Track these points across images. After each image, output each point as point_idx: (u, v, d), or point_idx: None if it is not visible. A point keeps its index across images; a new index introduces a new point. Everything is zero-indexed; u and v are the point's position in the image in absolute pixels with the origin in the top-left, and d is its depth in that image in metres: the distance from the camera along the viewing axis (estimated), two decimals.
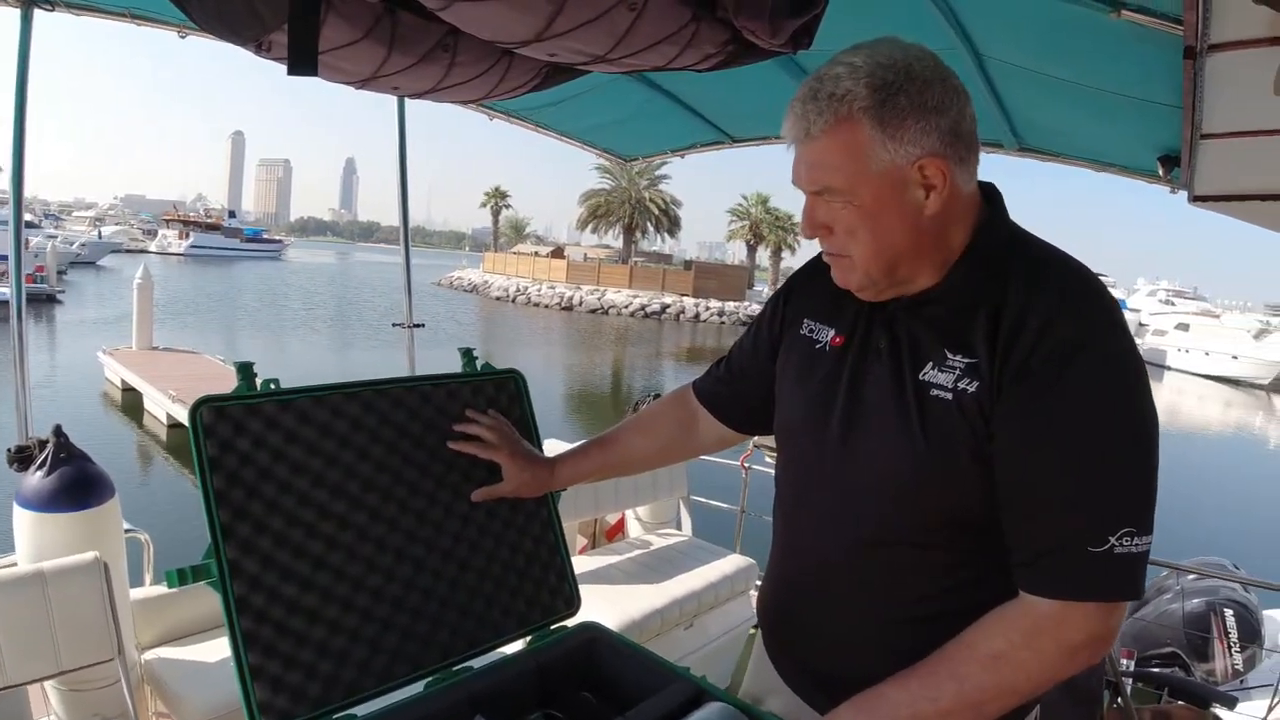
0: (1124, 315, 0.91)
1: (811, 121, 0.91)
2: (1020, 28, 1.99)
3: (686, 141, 3.57)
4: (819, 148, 0.92)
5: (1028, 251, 0.96)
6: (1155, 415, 0.88)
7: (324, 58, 1.42)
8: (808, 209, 0.97)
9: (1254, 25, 1.29)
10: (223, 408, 1.09)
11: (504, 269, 49.10)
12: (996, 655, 0.89)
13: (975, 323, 0.92)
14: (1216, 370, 32.87)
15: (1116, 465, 0.85)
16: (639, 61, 1.42)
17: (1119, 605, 0.87)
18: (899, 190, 0.91)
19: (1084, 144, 2.92)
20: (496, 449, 1.30)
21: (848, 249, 0.96)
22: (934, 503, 0.95)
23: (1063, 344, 0.86)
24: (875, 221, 0.93)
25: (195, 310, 27.48)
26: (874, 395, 1.00)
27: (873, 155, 0.89)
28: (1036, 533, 0.88)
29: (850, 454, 1.01)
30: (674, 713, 1.08)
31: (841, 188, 0.92)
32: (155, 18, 2.35)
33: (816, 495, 1.07)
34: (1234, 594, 4.29)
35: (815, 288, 1.15)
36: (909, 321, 0.99)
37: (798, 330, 1.15)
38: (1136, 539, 0.84)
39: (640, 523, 3.92)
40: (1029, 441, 0.87)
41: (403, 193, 3.57)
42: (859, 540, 1.02)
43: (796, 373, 1.13)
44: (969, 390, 0.91)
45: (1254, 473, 17.15)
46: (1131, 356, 0.88)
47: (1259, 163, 2.15)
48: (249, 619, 1.04)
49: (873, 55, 0.90)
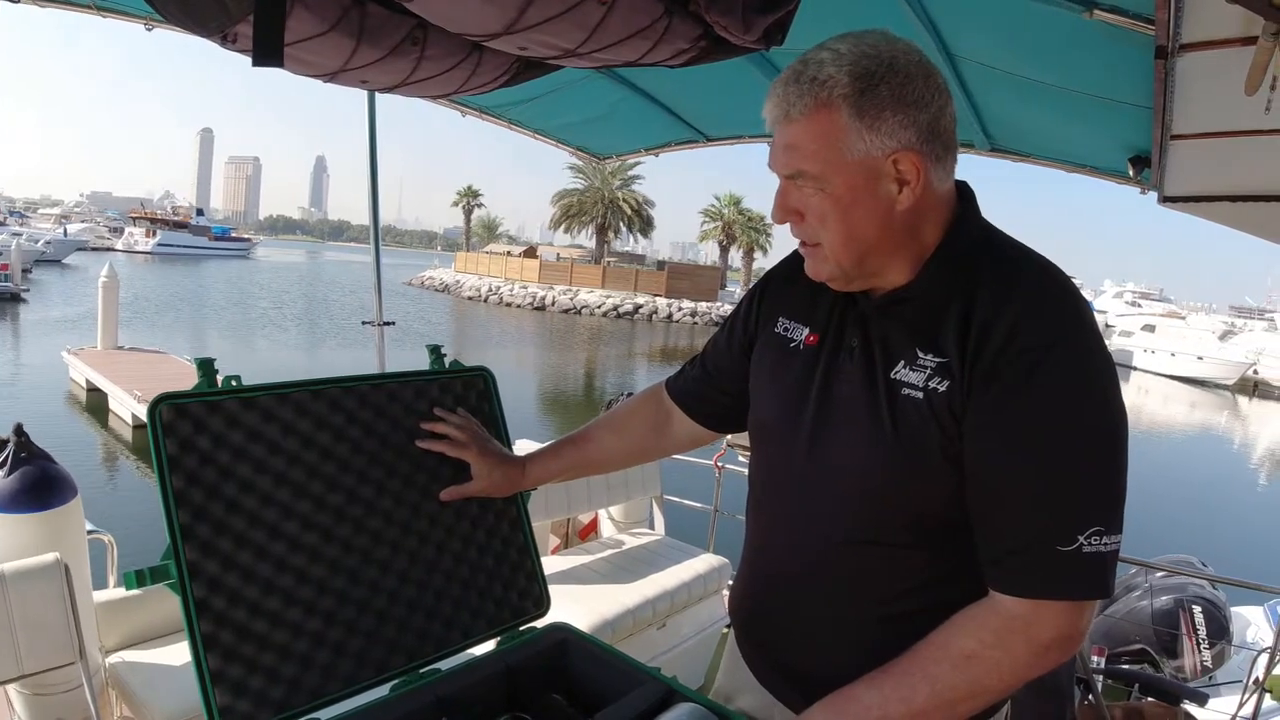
0: (1094, 315, 0.91)
1: (791, 104, 0.91)
2: (993, 27, 2.00)
3: (661, 140, 3.56)
4: (796, 130, 0.92)
5: (999, 251, 0.97)
6: (1124, 415, 0.88)
7: (291, 50, 1.39)
8: (780, 193, 0.97)
9: (1226, 25, 1.28)
10: (183, 405, 1.06)
11: (476, 269, 48.84)
12: (968, 655, 0.89)
13: (946, 322, 0.92)
14: (1182, 371, 33.46)
15: (1085, 465, 0.86)
16: (611, 56, 1.41)
17: (1089, 604, 0.88)
18: (872, 181, 0.91)
19: (1055, 145, 2.94)
20: (465, 447, 1.28)
21: (818, 236, 0.96)
22: (905, 501, 0.96)
23: (1032, 345, 0.87)
24: (846, 211, 0.93)
25: (161, 309, 27.00)
26: (846, 393, 1.00)
27: (848, 143, 0.89)
28: (1006, 532, 0.89)
29: (823, 452, 1.01)
30: (644, 714, 1.07)
31: (815, 173, 0.92)
32: (122, 10, 2.30)
33: (789, 493, 1.07)
34: (1202, 591, 4.36)
35: (790, 286, 1.15)
36: (881, 320, 0.99)
37: (772, 328, 1.14)
38: (1105, 538, 0.85)
39: (613, 522, 3.91)
40: (998, 442, 0.88)
41: (373, 189, 3.52)
42: (831, 538, 1.01)
43: (770, 371, 1.13)
44: (939, 390, 0.91)
45: (1220, 471, 17.48)
46: (1100, 357, 0.88)
47: (1229, 164, 2.17)
48: (209, 622, 1.01)
49: (859, 44, 0.90)
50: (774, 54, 2.31)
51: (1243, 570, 4.66)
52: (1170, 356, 34.31)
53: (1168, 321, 38.37)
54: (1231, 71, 1.34)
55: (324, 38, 1.37)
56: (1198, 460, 18.47)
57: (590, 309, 39.20)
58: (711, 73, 1.76)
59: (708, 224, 50.67)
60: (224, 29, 1.34)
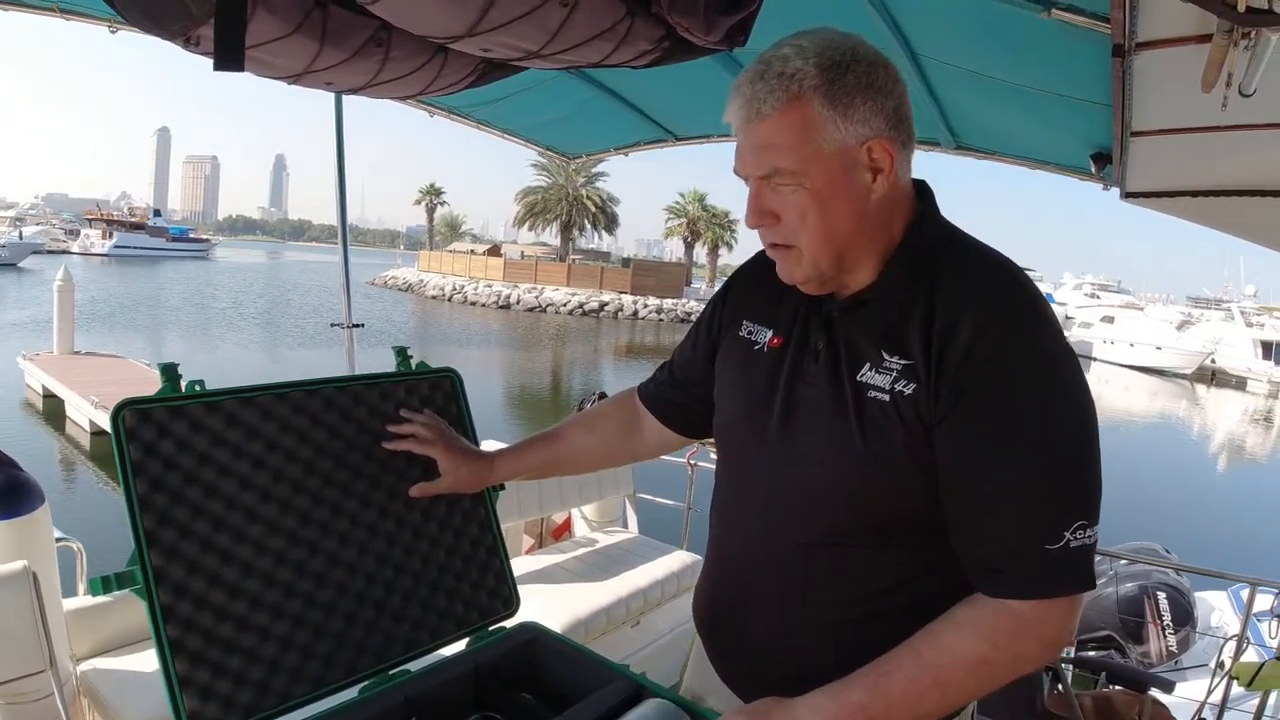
0: (1054, 312, 0.93)
1: (762, 100, 0.89)
2: (954, 27, 2.01)
3: (630, 139, 3.56)
4: (769, 128, 0.90)
5: (958, 250, 0.97)
6: (1093, 407, 0.90)
7: (254, 53, 1.38)
8: (754, 196, 0.95)
9: (1181, 23, 1.29)
10: (146, 410, 1.06)
11: (440, 267, 48.41)
12: (984, 660, 0.89)
13: (910, 324, 0.92)
14: (1141, 361, 34.16)
15: (1062, 464, 0.87)
16: (574, 57, 1.41)
17: (1081, 597, 0.89)
18: (849, 172, 0.91)
19: (1019, 142, 2.96)
20: (430, 444, 1.28)
21: (795, 237, 0.95)
22: (872, 503, 0.96)
23: (997, 347, 0.87)
24: (825, 205, 0.92)
25: (119, 313, 26.42)
26: (812, 396, 1.00)
27: (824, 134, 0.89)
28: (996, 539, 0.88)
29: (788, 455, 1.01)
30: (613, 710, 1.08)
31: (793, 168, 0.91)
32: (84, 12, 2.27)
33: (754, 496, 1.06)
34: (1166, 578, 4.46)
35: (754, 289, 1.15)
36: (846, 323, 1.00)
37: (736, 331, 1.14)
38: (1088, 530, 0.86)
39: (587, 521, 3.92)
40: (975, 452, 0.88)
41: (340, 190, 3.48)
42: (797, 540, 1.01)
43: (734, 374, 1.13)
44: (905, 392, 0.91)
45: (1182, 459, 17.87)
46: (1065, 354, 0.89)
47: (1189, 160, 2.19)
48: (175, 627, 1.01)
49: (818, 37, 0.90)
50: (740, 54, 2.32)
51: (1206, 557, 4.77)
52: (1129, 347, 35.00)
53: (1127, 313, 39.08)
54: (1188, 69, 1.35)
55: (287, 40, 1.36)
56: (1159, 448, 18.85)
57: (556, 307, 39.02)
58: (680, 73, 1.76)
59: (672, 221, 50.80)
60: (186, 31, 1.33)
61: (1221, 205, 2.47)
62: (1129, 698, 2.61)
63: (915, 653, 0.91)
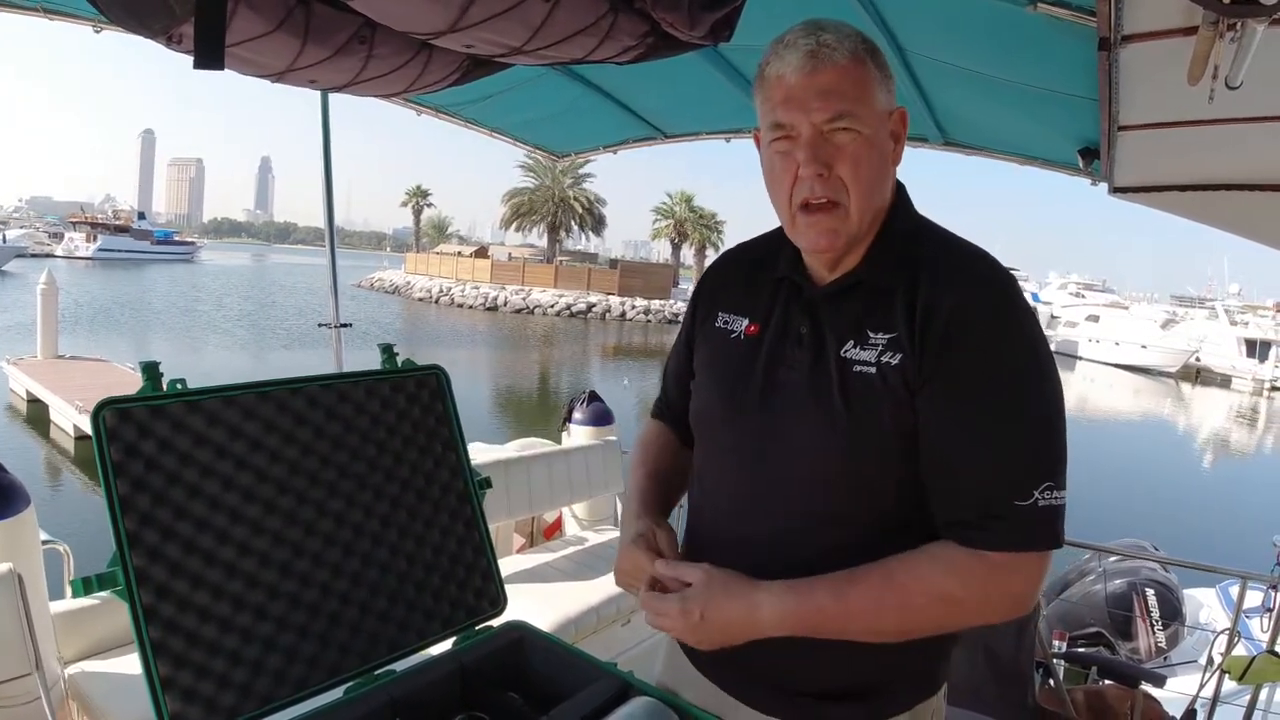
0: (1024, 291, 0.99)
1: (832, 49, 0.96)
2: (941, 23, 2.02)
3: (619, 137, 3.55)
4: (836, 75, 0.96)
5: (937, 240, 1.04)
6: (1060, 382, 0.96)
7: (236, 50, 1.37)
8: (812, 143, 0.97)
9: (1167, 16, 1.30)
10: (127, 410, 1.05)
11: (427, 269, 48.06)
12: (949, 596, 0.93)
13: (894, 303, 0.98)
14: (1126, 359, 34.48)
15: (1035, 427, 0.93)
16: (558, 53, 1.41)
17: (1049, 557, 0.94)
18: (885, 132, 1.01)
19: (1007, 138, 2.98)
20: None
21: (842, 192, 0.98)
22: (854, 483, 0.98)
23: (977, 322, 0.94)
24: (875, 155, 0.99)
25: (103, 316, 26.20)
26: (794, 378, 1.02)
27: (875, 93, 0.99)
28: (970, 494, 0.94)
29: (768, 439, 1.03)
30: (600, 709, 1.08)
31: (858, 113, 0.97)
32: (69, 12, 2.25)
33: (734, 481, 1.07)
34: (1155, 574, 4.50)
35: (726, 282, 1.18)
36: (830, 306, 1.03)
37: (713, 324, 1.16)
38: (1055, 492, 0.92)
39: (577, 520, 3.91)
40: (956, 411, 0.94)
41: (328, 191, 3.45)
42: (776, 525, 1.02)
43: (710, 362, 1.14)
44: (892, 363, 0.96)
45: (1168, 456, 18.02)
46: (1036, 329, 0.96)
47: (1176, 154, 2.21)
48: (158, 628, 1.00)
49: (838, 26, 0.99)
50: (726, 50, 2.32)
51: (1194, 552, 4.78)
52: (1115, 345, 35.33)
53: (1112, 311, 39.39)
54: (1174, 62, 1.35)
55: (269, 38, 1.35)
56: (1146, 446, 19.01)
57: (543, 308, 38.86)
58: (668, 69, 1.76)
59: (660, 222, 50.60)
60: (168, 30, 1.32)
61: (1210, 199, 2.48)
62: (1121, 692, 2.61)
63: (887, 572, 0.95)
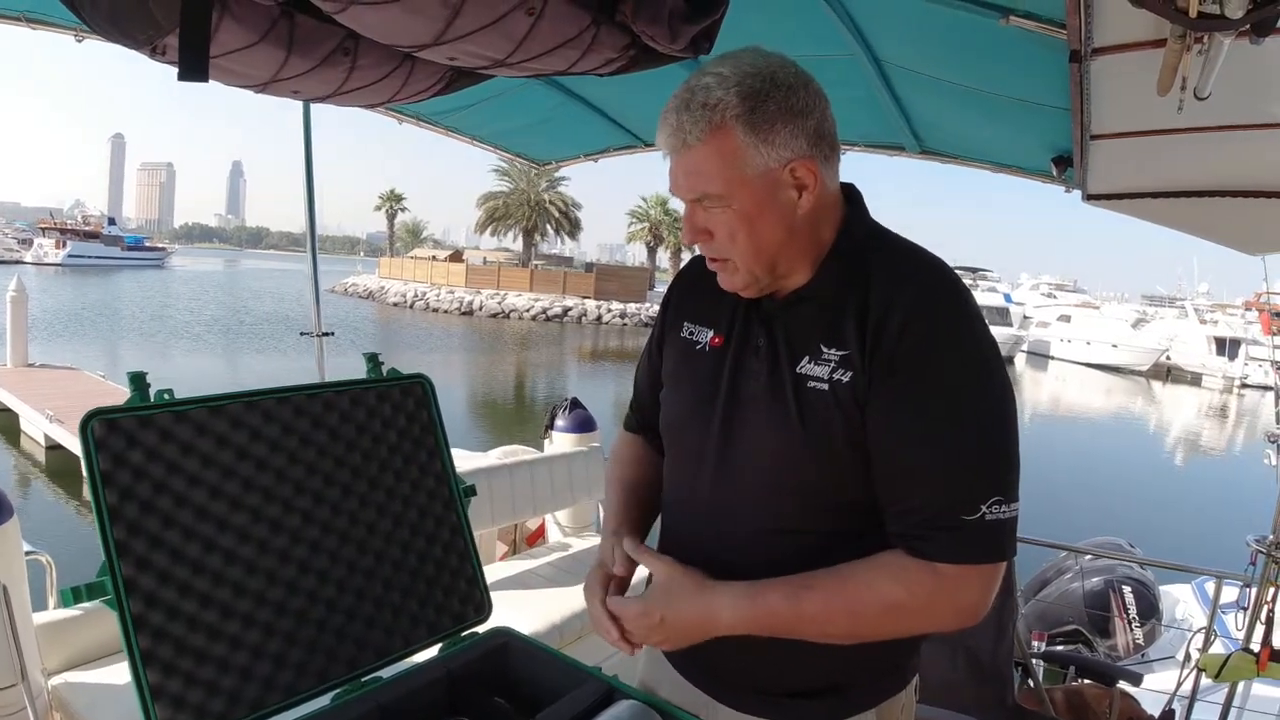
0: (977, 303, 1.00)
1: (687, 131, 0.95)
2: (916, 34, 2.05)
3: (600, 146, 3.57)
4: (696, 156, 0.96)
5: (887, 248, 1.03)
6: (1013, 398, 0.97)
7: (220, 61, 1.37)
8: (688, 216, 1.01)
9: (1136, 29, 1.33)
10: (114, 420, 1.06)
11: (401, 274, 47.66)
12: (898, 604, 0.95)
13: (845, 318, 0.98)
14: (1098, 358, 34.89)
15: (981, 441, 0.93)
16: (540, 66, 1.43)
17: (999, 570, 0.95)
18: (773, 192, 0.97)
19: (982, 146, 3.02)
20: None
21: (729, 252, 1.01)
22: (815, 491, 1.00)
23: (924, 336, 0.94)
24: (753, 224, 0.98)
25: (74, 324, 25.72)
26: (753, 390, 1.04)
27: (747, 160, 0.94)
28: (918, 509, 0.94)
29: (733, 448, 1.05)
30: (585, 712, 1.10)
31: (719, 193, 0.96)
32: (51, 21, 2.23)
33: (702, 490, 1.09)
34: (1131, 572, 4.55)
35: (692, 291, 1.19)
36: (785, 319, 1.04)
37: (679, 334, 1.18)
38: (1004, 506, 0.92)
39: (560, 527, 3.92)
40: (904, 425, 0.94)
41: (309, 199, 3.43)
42: (745, 531, 1.05)
43: (676, 372, 1.16)
44: (843, 380, 0.96)
45: (1141, 454, 18.19)
46: (986, 341, 0.96)
47: (1147, 162, 2.25)
48: (147, 637, 1.01)
49: (739, 65, 0.95)
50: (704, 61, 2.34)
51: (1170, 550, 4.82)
52: (1086, 345, 35.71)
53: (1083, 311, 39.79)
54: (1144, 73, 1.38)
55: (253, 49, 1.36)
56: (1118, 444, 19.20)
57: (519, 312, 38.62)
58: (648, 80, 1.78)
59: (635, 225, 50.66)
60: (153, 41, 1.32)
61: (1181, 206, 2.53)
62: (1099, 691, 2.64)
63: (839, 578, 0.97)
